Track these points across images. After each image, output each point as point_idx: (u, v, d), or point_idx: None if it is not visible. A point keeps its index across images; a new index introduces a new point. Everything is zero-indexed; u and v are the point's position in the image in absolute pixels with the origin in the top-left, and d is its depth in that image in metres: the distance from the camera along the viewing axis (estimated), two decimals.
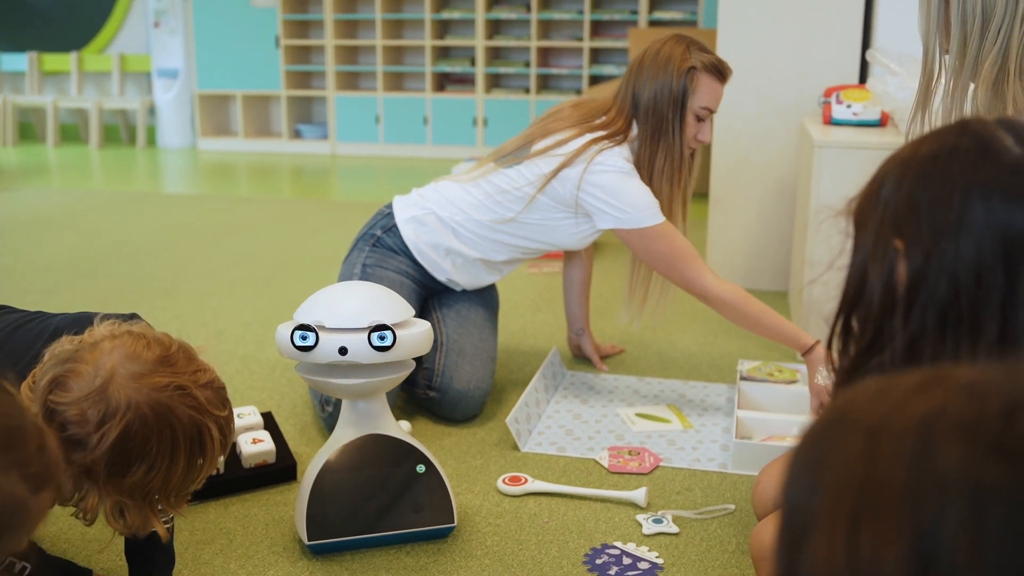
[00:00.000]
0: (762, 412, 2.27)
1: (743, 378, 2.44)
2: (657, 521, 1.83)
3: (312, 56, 7.45)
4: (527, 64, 6.83)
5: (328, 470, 1.74)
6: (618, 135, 2.33)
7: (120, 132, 7.88)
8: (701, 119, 2.36)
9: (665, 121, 2.32)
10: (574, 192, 2.30)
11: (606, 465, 2.08)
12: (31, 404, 1.24)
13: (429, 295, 2.51)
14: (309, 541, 1.71)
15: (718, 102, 2.37)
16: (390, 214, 2.50)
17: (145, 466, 1.26)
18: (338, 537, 1.72)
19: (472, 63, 6.91)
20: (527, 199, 2.35)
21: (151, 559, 1.58)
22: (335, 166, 6.83)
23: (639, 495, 1.91)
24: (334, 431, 1.80)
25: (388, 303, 1.74)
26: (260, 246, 4.18)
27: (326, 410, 2.21)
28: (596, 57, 6.75)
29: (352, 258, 2.47)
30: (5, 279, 3.65)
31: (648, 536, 1.80)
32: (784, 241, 3.41)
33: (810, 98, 3.25)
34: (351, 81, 7.38)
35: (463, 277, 2.47)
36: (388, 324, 1.68)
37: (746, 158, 3.40)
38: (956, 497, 0.49)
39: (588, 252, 2.74)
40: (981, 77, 1.59)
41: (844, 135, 2.74)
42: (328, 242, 4.20)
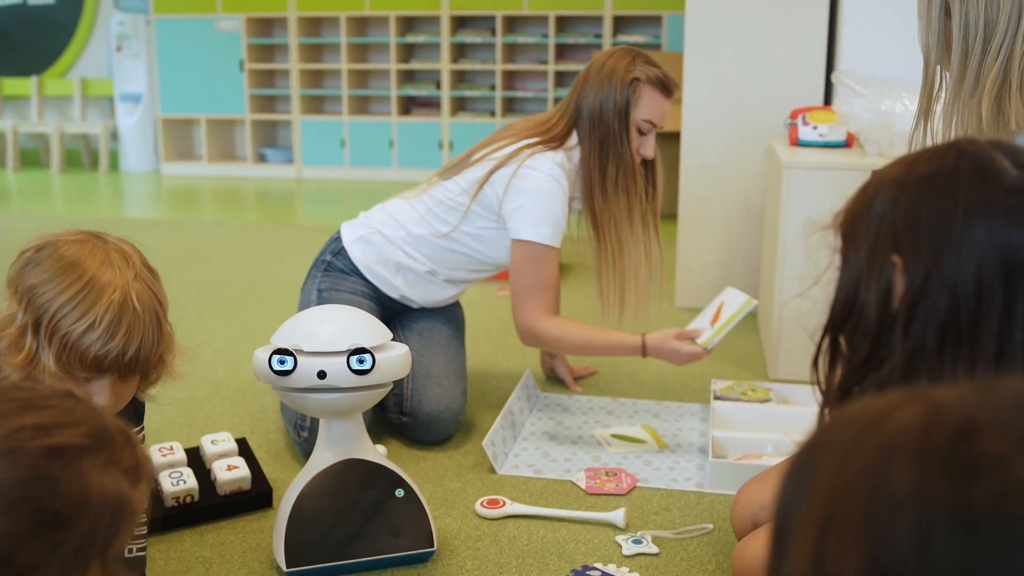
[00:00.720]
0: (736, 431, 2.29)
1: (717, 397, 2.45)
2: (636, 542, 1.84)
3: (277, 80, 7.43)
4: (492, 87, 6.85)
5: (306, 495, 1.73)
6: (554, 141, 2.34)
7: (82, 157, 7.81)
8: (643, 132, 2.34)
9: (612, 132, 2.31)
10: (500, 194, 2.31)
11: (583, 486, 2.08)
12: None
13: (391, 316, 2.50)
14: (288, 568, 1.69)
15: (662, 116, 2.35)
16: (339, 238, 2.50)
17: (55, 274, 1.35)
18: (317, 564, 1.71)
19: (437, 86, 6.93)
20: (462, 209, 2.36)
21: None
22: (300, 190, 6.81)
23: (618, 516, 1.91)
24: (311, 455, 1.79)
25: (366, 326, 1.74)
26: (227, 271, 4.15)
27: (301, 435, 2.19)
28: (561, 80, 6.79)
29: (307, 286, 2.46)
30: None
31: (628, 557, 1.80)
32: (752, 261, 3.44)
33: (776, 120, 3.29)
34: (316, 105, 7.37)
35: (416, 293, 2.47)
36: (367, 347, 1.67)
37: (714, 179, 3.43)
38: (907, 515, 0.51)
39: None
40: (983, 91, 1.58)
41: (811, 156, 2.77)
42: (295, 266, 4.17)
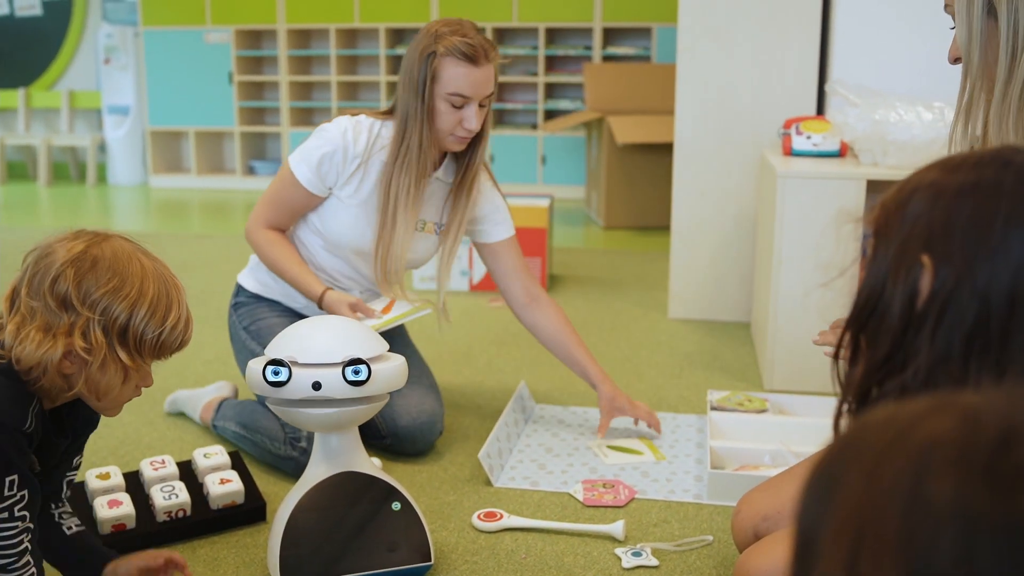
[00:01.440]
0: (734, 442, 2.27)
1: (713, 408, 2.44)
2: (636, 554, 1.82)
3: (266, 92, 7.41)
4: None
5: (301, 509, 1.70)
6: (385, 114, 2.29)
7: (70, 169, 7.77)
8: (456, 106, 2.18)
9: (411, 110, 2.19)
10: None
11: (581, 499, 2.06)
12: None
13: None
14: None
15: (475, 87, 2.16)
16: (236, 284, 2.50)
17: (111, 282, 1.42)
18: None
19: None
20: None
21: None
22: None
23: (616, 528, 1.89)
24: (306, 469, 1.76)
25: (362, 337, 1.71)
26: (215, 284, 4.11)
27: (297, 448, 2.16)
28: (551, 92, 6.79)
29: (233, 334, 2.43)
30: None
31: (628, 570, 1.78)
32: (746, 272, 3.43)
33: (769, 129, 3.29)
34: (305, 117, 7.35)
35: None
36: (363, 358, 1.65)
37: (707, 190, 3.42)
38: (948, 529, 0.49)
39: (533, 294, 2.48)
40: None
41: (805, 165, 2.77)
42: None
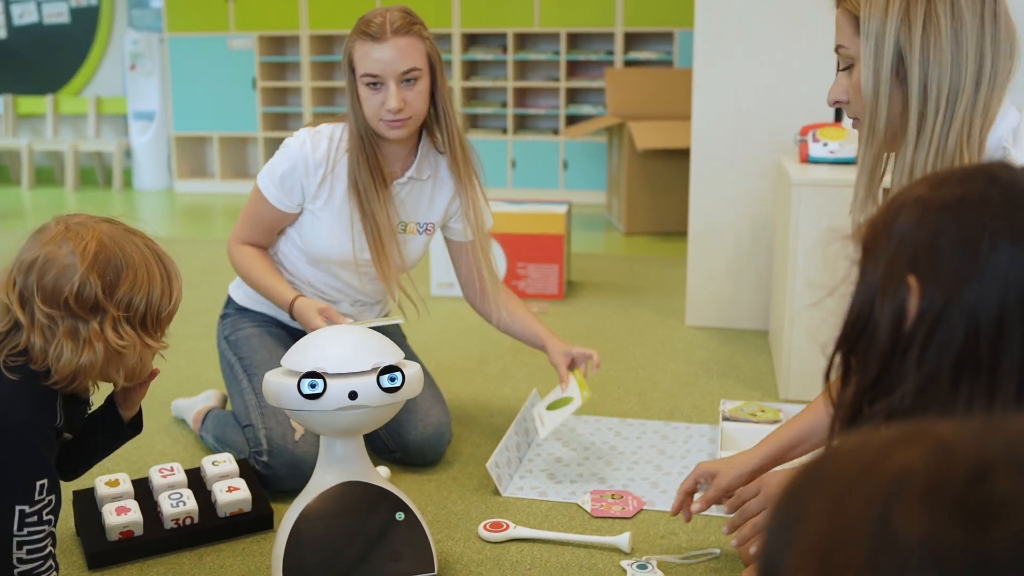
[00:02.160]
0: None
1: (726, 418, 2.42)
2: (642, 567, 1.80)
3: (289, 98, 7.45)
4: (504, 104, 6.85)
5: (305, 518, 1.70)
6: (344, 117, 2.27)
7: (96, 174, 7.84)
8: (374, 88, 2.13)
9: (350, 103, 2.20)
10: None
11: (588, 509, 2.05)
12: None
13: None
14: None
15: (382, 65, 2.11)
16: (227, 295, 2.49)
17: (128, 277, 1.46)
18: None
19: None
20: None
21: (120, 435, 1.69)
22: None
23: (623, 540, 1.88)
24: (312, 477, 1.76)
25: (383, 344, 1.72)
26: None
27: (259, 462, 2.13)
28: (573, 97, 6.79)
29: (218, 343, 2.44)
30: None
31: None
32: (762, 279, 3.41)
33: (786, 137, 3.26)
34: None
35: None
36: (396, 365, 1.66)
37: (724, 196, 3.40)
38: (916, 564, 0.48)
39: (483, 283, 2.43)
40: (940, 156, 1.47)
41: (821, 173, 2.74)
42: None
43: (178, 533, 1.92)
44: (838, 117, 3.29)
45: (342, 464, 1.74)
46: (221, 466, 2.07)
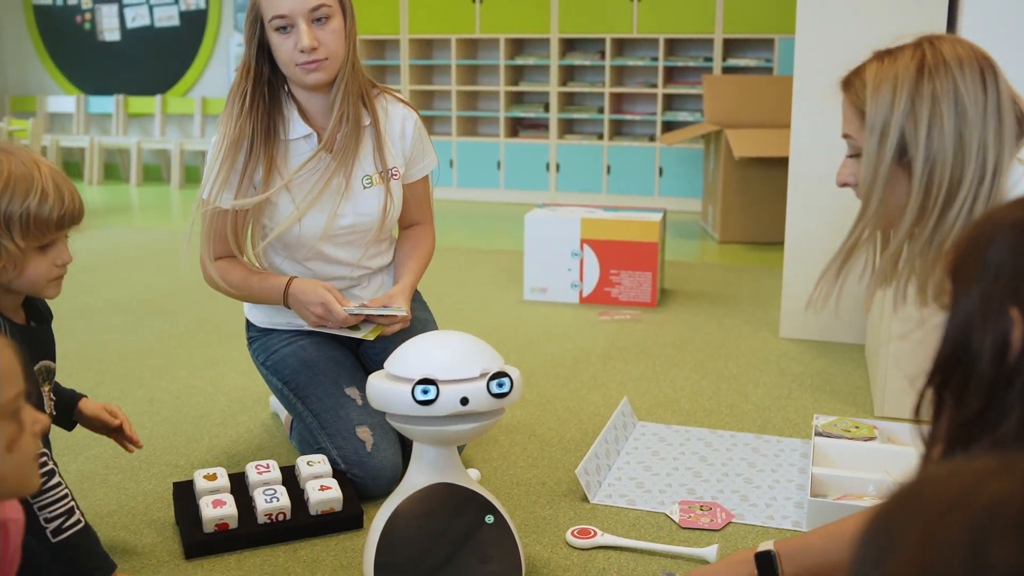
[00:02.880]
0: (838, 469, 2.22)
1: (818, 433, 2.38)
2: None
3: None
4: (600, 110, 6.84)
5: (397, 516, 1.73)
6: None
7: (200, 172, 8.06)
8: (286, 32, 2.08)
9: (251, 59, 2.14)
10: None
11: (676, 520, 2.04)
12: None
13: (353, 355, 2.39)
14: None
15: (288, 4, 2.05)
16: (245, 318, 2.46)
17: None
18: None
19: (546, 108, 6.95)
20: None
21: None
22: None
23: (710, 552, 1.87)
24: (404, 478, 1.79)
25: (486, 350, 1.74)
26: None
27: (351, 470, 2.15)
28: (670, 103, 6.75)
29: (259, 370, 2.40)
30: (84, 318, 3.73)
31: None
32: (860, 291, 3.34)
33: None
34: (426, 125, 7.44)
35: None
36: (504, 371, 1.68)
37: (822, 206, 3.35)
38: None
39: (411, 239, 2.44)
40: (939, 246, 1.50)
41: None
42: None
43: (271, 528, 1.97)
44: None
45: (434, 466, 1.76)
46: (315, 466, 2.12)
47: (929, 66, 1.50)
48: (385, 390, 1.69)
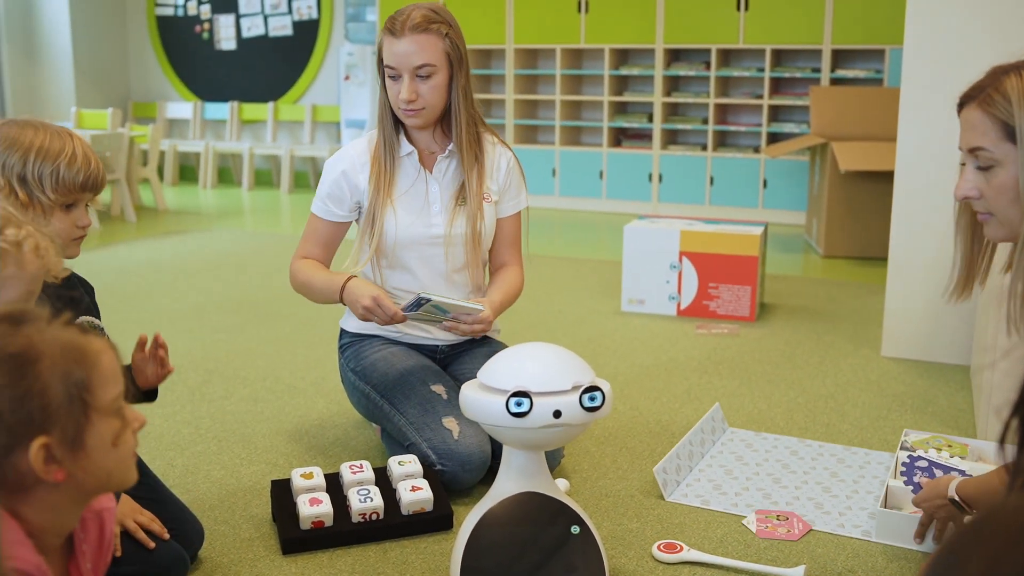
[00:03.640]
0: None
1: (903, 447, 2.34)
2: None
3: (493, 109, 7.63)
4: (705, 121, 6.80)
5: (485, 523, 1.76)
6: None
7: (309, 178, 8.27)
8: (393, 79, 2.36)
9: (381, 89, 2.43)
10: None
11: (754, 530, 2.04)
12: None
13: (436, 364, 2.49)
14: None
15: (397, 58, 2.33)
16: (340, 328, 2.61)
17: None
18: None
19: (649, 119, 6.93)
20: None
21: None
22: None
23: (798, 573, 1.85)
24: (494, 484, 1.82)
25: (578, 363, 1.76)
26: None
27: (433, 470, 2.20)
28: (775, 115, 6.67)
29: (343, 376, 2.53)
30: (195, 318, 3.87)
31: None
32: (966, 312, 3.26)
33: None
34: (530, 135, 7.52)
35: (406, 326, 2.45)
36: (596, 384, 1.70)
37: (928, 223, 3.28)
38: None
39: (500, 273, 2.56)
40: None
41: None
42: None
43: (364, 527, 2.02)
44: None
45: (523, 474, 1.79)
46: (406, 466, 2.17)
47: None
48: (479, 401, 1.72)
